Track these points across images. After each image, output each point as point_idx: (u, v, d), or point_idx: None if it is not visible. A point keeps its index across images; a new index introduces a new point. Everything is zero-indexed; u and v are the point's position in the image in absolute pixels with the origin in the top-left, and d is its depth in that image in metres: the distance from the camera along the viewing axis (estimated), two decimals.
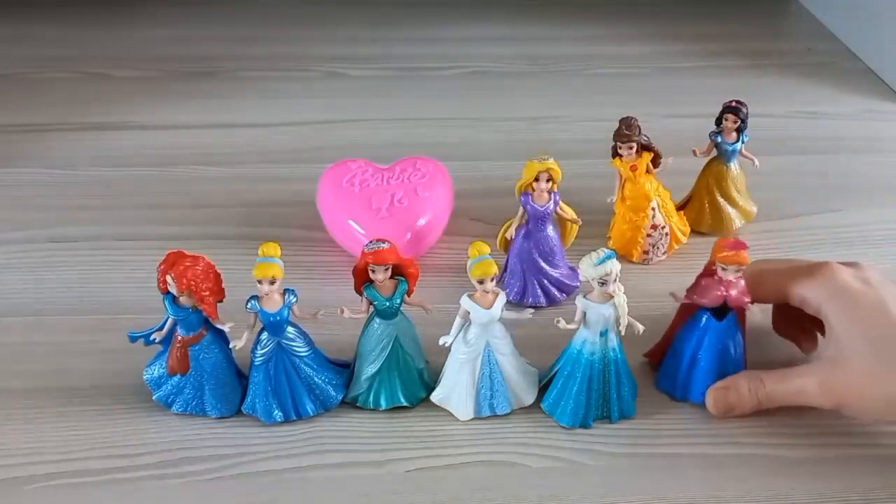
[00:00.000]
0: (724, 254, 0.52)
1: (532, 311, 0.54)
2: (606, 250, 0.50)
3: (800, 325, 0.57)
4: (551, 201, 0.60)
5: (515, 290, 0.63)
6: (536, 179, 0.59)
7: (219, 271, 0.51)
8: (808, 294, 0.51)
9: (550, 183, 0.60)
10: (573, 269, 0.63)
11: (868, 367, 0.48)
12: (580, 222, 0.63)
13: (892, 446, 0.53)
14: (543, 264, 0.62)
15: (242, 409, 0.54)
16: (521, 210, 0.61)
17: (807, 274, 0.52)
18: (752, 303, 0.53)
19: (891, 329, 0.48)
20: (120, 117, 0.91)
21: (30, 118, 0.91)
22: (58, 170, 0.81)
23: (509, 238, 0.63)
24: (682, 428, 0.54)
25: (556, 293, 0.64)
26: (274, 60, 1.05)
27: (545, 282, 0.63)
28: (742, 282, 0.53)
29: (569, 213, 0.62)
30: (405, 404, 0.55)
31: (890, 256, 0.70)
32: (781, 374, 0.52)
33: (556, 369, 0.55)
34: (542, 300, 0.63)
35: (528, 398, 0.55)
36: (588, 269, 0.50)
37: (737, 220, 0.72)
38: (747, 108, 0.67)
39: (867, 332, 0.48)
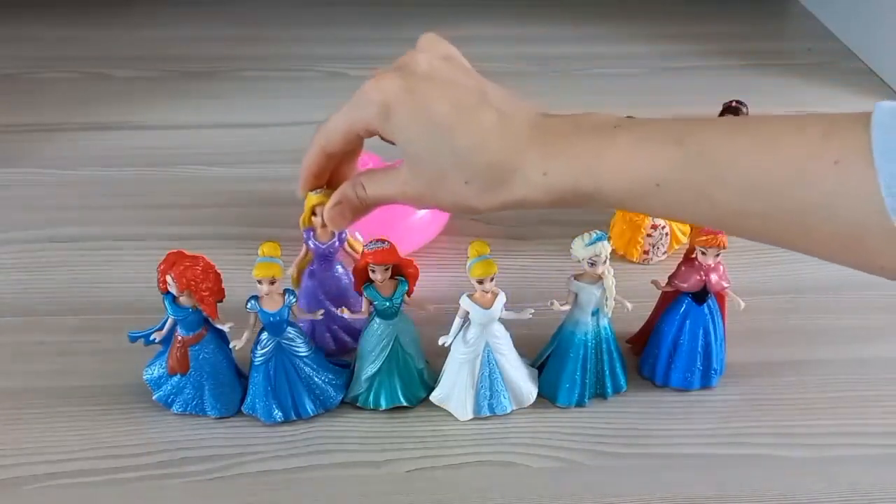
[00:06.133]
0: (703, 238, 0.52)
1: (532, 311, 0.54)
2: (598, 232, 0.51)
3: None
4: (336, 238, 0.54)
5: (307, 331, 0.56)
6: (314, 214, 0.52)
7: (219, 271, 0.51)
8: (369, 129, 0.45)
9: None
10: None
11: (425, 169, 0.44)
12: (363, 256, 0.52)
13: (892, 446, 0.53)
14: (332, 308, 0.55)
15: (242, 409, 0.54)
16: (304, 248, 0.55)
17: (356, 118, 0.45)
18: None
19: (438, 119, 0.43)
20: (120, 117, 0.91)
21: (30, 118, 0.91)
22: (58, 170, 0.81)
23: (295, 276, 0.56)
24: (682, 428, 0.54)
25: (346, 339, 0.58)
26: (274, 60, 1.05)
27: (334, 327, 0.58)
28: (722, 266, 0.54)
29: (357, 248, 0.55)
30: (405, 404, 0.55)
31: None
32: (382, 177, 0.46)
33: (547, 354, 0.55)
34: (332, 345, 0.58)
35: (528, 398, 0.55)
36: (579, 249, 0.51)
37: None
38: (747, 108, 0.67)
39: (423, 133, 0.43)
